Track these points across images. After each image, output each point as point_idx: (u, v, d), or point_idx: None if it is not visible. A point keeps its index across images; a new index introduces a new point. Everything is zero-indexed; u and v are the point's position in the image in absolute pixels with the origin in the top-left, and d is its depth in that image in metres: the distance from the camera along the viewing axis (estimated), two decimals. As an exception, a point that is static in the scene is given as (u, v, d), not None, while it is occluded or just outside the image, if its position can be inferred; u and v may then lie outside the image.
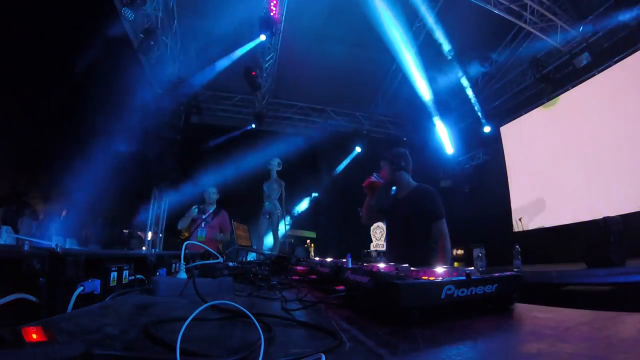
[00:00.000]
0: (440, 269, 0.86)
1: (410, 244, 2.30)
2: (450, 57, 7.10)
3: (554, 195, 6.72)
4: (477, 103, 8.11)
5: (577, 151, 6.35)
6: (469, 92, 7.89)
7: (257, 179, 6.26)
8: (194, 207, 4.19)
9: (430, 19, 6.75)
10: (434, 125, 8.80)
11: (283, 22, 6.71)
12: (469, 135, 9.02)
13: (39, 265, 0.83)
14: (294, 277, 1.57)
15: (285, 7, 6.48)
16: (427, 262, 2.12)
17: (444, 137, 8.77)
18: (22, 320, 0.54)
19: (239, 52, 6.91)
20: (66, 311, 0.87)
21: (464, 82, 7.46)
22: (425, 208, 2.33)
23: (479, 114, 8.16)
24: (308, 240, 9.96)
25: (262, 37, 6.58)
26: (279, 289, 1.27)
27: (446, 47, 6.97)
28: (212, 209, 4.28)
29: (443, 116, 8.66)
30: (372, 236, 7.80)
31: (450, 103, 8.40)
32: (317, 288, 1.21)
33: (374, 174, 2.57)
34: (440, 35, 6.91)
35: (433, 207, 2.33)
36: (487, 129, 8.17)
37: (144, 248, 8.47)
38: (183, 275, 1.16)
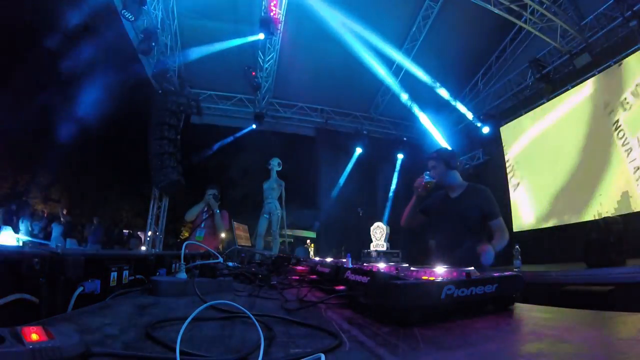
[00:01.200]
0: (440, 269, 0.86)
1: (467, 243, 2.23)
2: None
3: (554, 195, 6.72)
4: (469, 110, 8.25)
5: (578, 150, 6.35)
6: (460, 107, 8.07)
7: (257, 179, 6.25)
8: (208, 193, 4.02)
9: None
10: (433, 125, 8.83)
11: (283, 22, 6.71)
12: (469, 135, 9.02)
13: (39, 265, 0.83)
14: (294, 277, 1.56)
15: (285, 7, 6.48)
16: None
17: (440, 138, 8.82)
18: (22, 320, 0.54)
19: (235, 43, 6.86)
20: (66, 311, 0.87)
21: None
22: (482, 206, 2.31)
23: (474, 117, 8.26)
24: (308, 240, 9.97)
25: (261, 36, 6.58)
26: (279, 289, 1.26)
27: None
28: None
29: (440, 116, 8.71)
30: (372, 236, 7.79)
31: (449, 104, 8.42)
32: (317, 288, 1.21)
33: (426, 174, 2.41)
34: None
35: (490, 206, 2.32)
36: (485, 130, 8.18)
37: (142, 247, 8.48)
38: (183, 275, 1.16)
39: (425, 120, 8.67)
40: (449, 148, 2.64)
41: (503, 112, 8.26)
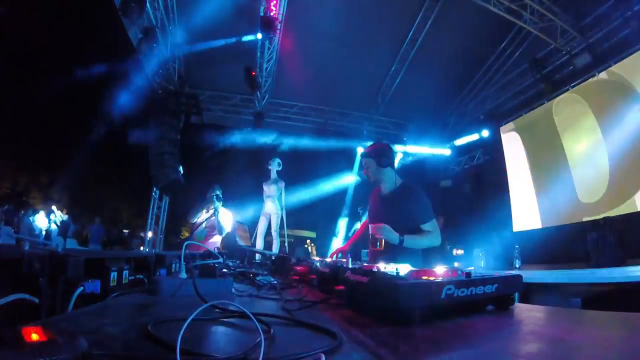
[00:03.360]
0: (440, 269, 0.86)
1: (397, 248, 2.03)
2: None
3: (554, 194, 6.71)
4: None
5: (578, 150, 6.34)
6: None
7: (257, 179, 6.26)
8: (211, 192, 3.98)
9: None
10: (433, 125, 8.85)
11: (283, 22, 6.70)
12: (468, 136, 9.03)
13: (39, 265, 0.83)
14: (294, 277, 1.56)
15: (285, 6, 6.47)
16: (416, 266, 2.03)
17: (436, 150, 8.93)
18: (22, 320, 0.54)
19: (232, 40, 6.85)
20: (66, 311, 0.87)
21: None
22: (412, 209, 2.16)
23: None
24: (308, 240, 9.97)
25: (259, 36, 6.58)
26: (278, 289, 1.26)
27: None
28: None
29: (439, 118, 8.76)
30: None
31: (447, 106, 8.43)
32: (317, 288, 1.21)
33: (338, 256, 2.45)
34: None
35: (421, 208, 2.16)
36: (485, 133, 8.21)
37: (142, 248, 8.49)
38: (183, 275, 1.16)
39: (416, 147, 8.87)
40: (383, 144, 2.53)
41: (503, 112, 8.26)
